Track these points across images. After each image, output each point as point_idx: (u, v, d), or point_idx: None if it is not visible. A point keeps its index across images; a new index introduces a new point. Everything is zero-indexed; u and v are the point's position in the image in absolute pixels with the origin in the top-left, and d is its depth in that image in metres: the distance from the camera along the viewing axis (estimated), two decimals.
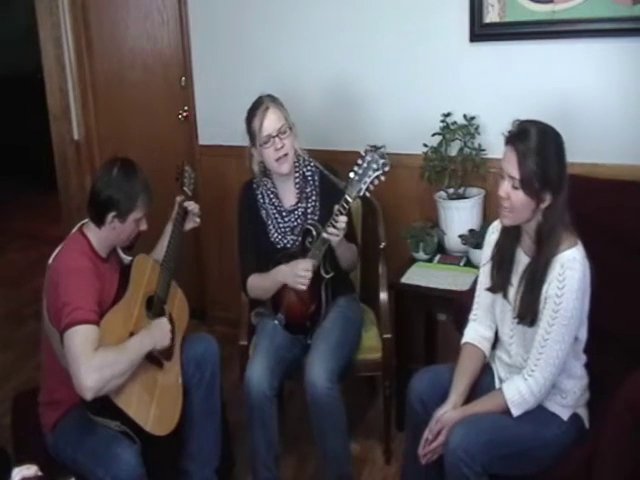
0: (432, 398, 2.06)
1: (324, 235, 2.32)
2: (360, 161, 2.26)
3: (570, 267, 1.86)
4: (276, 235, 2.55)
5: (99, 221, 2.11)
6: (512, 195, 1.87)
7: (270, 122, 2.42)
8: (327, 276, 2.46)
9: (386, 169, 2.24)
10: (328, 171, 2.55)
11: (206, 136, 3.52)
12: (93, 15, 3.78)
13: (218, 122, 3.45)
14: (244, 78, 3.31)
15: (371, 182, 2.26)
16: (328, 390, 2.28)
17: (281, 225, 2.55)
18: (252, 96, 3.23)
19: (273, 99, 2.48)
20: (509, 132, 1.90)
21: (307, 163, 2.55)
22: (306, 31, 3.12)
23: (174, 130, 3.67)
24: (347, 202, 2.28)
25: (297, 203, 2.54)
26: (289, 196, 2.56)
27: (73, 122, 3.92)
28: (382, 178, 2.26)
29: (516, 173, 1.84)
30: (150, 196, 2.16)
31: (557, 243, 1.88)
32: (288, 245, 2.54)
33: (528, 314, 1.93)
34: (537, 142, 1.83)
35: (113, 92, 3.85)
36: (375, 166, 2.24)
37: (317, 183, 2.55)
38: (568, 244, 1.89)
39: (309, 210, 2.53)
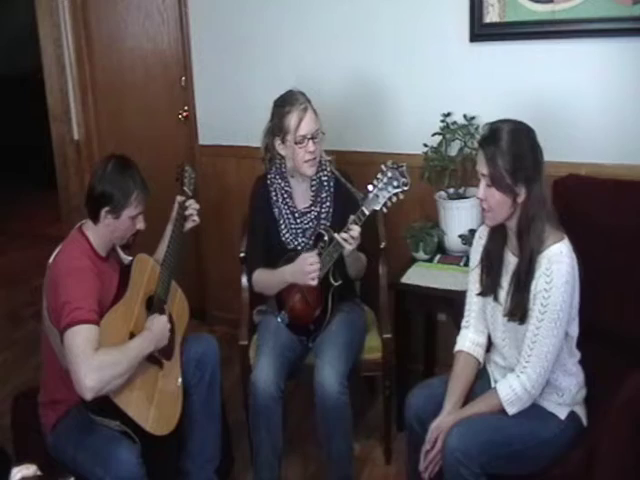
0: (429, 414, 2.04)
1: (337, 238, 2.30)
2: (380, 175, 2.25)
3: (557, 261, 1.87)
4: (288, 235, 2.54)
5: (94, 217, 2.11)
6: (488, 196, 1.92)
7: (307, 124, 2.40)
8: (336, 284, 2.45)
9: (406, 188, 2.24)
10: (345, 179, 2.53)
11: (206, 136, 3.52)
12: (93, 15, 3.79)
13: (218, 122, 3.45)
14: (244, 78, 3.32)
15: (389, 199, 2.25)
16: (338, 393, 2.29)
17: (293, 226, 2.55)
18: (252, 96, 3.25)
19: (308, 99, 2.46)
20: (480, 136, 1.96)
21: (324, 168, 2.54)
22: (305, 31, 3.12)
23: (174, 130, 3.67)
24: (364, 214, 2.27)
25: (311, 206, 2.54)
26: (303, 198, 2.55)
27: (73, 122, 3.93)
28: (401, 196, 2.25)
29: (486, 171, 1.90)
30: (146, 194, 2.15)
31: (540, 237, 1.89)
32: (299, 247, 2.53)
33: (518, 311, 1.94)
34: (508, 141, 1.87)
35: (113, 92, 3.85)
36: (395, 183, 2.23)
37: (332, 189, 2.54)
38: (554, 239, 1.90)
39: (322, 215, 2.53)
